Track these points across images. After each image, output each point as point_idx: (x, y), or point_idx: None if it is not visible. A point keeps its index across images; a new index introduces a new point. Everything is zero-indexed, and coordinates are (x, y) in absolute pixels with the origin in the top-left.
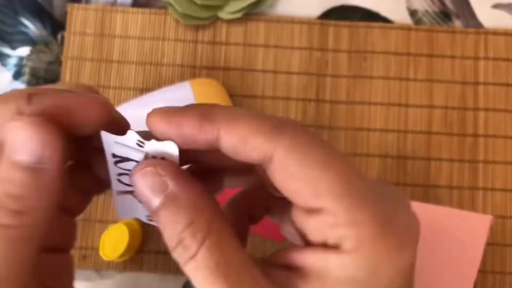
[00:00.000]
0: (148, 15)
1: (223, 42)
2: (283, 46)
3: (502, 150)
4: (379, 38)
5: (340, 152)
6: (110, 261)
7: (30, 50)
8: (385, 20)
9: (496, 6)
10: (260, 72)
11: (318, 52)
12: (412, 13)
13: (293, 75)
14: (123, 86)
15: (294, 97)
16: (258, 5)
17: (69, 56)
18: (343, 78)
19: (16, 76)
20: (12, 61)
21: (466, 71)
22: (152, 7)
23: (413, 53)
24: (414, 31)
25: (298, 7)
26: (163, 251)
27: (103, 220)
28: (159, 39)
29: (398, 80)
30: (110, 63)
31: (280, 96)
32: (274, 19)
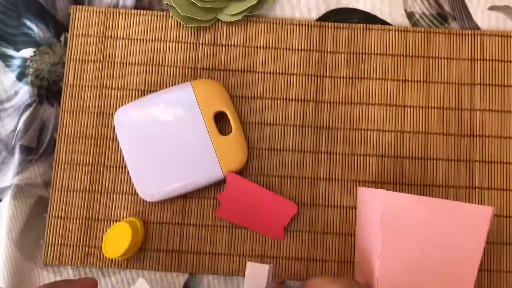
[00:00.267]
0: (150, 17)
1: (224, 44)
2: (282, 47)
3: (498, 150)
4: (377, 40)
5: None
6: (112, 259)
7: (34, 52)
8: (382, 22)
9: (492, 8)
10: (259, 73)
11: (317, 53)
12: (410, 15)
13: (292, 76)
14: (125, 87)
15: (293, 97)
16: (258, 7)
17: (72, 57)
18: (342, 79)
19: (20, 77)
20: (16, 62)
21: (462, 72)
22: (153, 10)
23: (410, 54)
24: (411, 33)
25: (297, 9)
26: (165, 249)
27: (106, 218)
28: (160, 41)
29: (395, 81)
30: (112, 64)
31: (279, 97)
32: (274, 21)
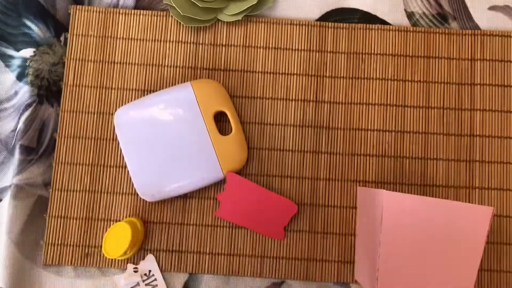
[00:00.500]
0: (150, 17)
1: (224, 44)
2: (282, 47)
3: (498, 150)
4: (377, 40)
5: None
6: (112, 258)
7: (34, 52)
8: (383, 22)
9: (492, 8)
10: (260, 73)
11: (317, 53)
12: (410, 15)
13: (292, 76)
14: (125, 87)
15: (293, 97)
16: (258, 7)
17: (72, 57)
18: (342, 79)
19: (20, 77)
20: (16, 62)
21: (462, 72)
22: (153, 10)
23: (410, 54)
24: (411, 33)
25: (297, 9)
26: (165, 249)
27: (106, 218)
28: (160, 41)
29: (395, 81)
30: (112, 64)
31: (279, 97)
32: (274, 21)
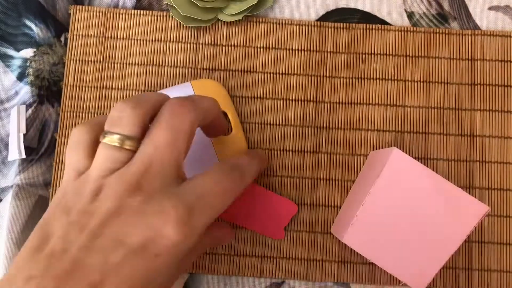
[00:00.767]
0: (150, 18)
1: (224, 44)
2: (282, 48)
3: (498, 150)
4: (377, 40)
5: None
6: None
7: (34, 52)
8: (383, 22)
9: (492, 8)
10: (260, 73)
11: (317, 53)
12: (410, 15)
13: (292, 76)
14: (125, 87)
15: (294, 98)
16: (258, 7)
17: (72, 57)
18: (342, 79)
19: (20, 77)
20: (16, 62)
21: (463, 72)
22: (154, 10)
23: (410, 54)
24: (411, 33)
25: (297, 9)
26: None
27: None
28: (161, 41)
29: (395, 81)
30: (112, 64)
31: (279, 97)
32: (274, 22)
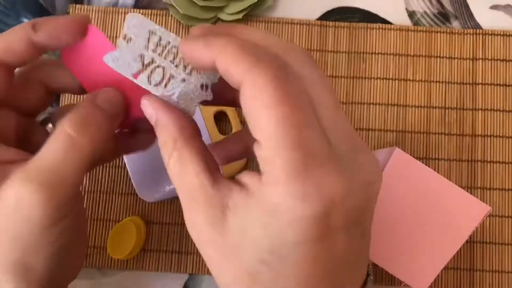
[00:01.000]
0: (149, 17)
1: None
2: None
3: (500, 149)
4: (378, 39)
5: (306, 100)
6: (112, 259)
7: None
8: (384, 21)
9: (493, 7)
10: None
11: (318, 53)
12: (411, 14)
13: None
14: None
15: None
16: (258, 6)
17: None
18: (343, 78)
19: None
20: None
21: (464, 71)
22: (153, 9)
23: (411, 54)
24: (412, 32)
25: (297, 8)
26: (165, 249)
27: (105, 218)
28: None
29: (397, 80)
30: None
31: None
32: (274, 21)
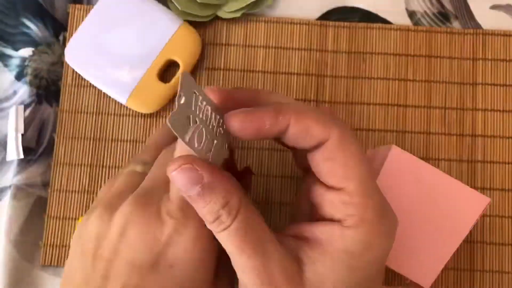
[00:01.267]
0: None
1: (224, 43)
2: (282, 47)
3: (500, 150)
4: (378, 39)
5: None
6: None
7: (33, 51)
8: (384, 21)
9: (494, 7)
10: (260, 73)
11: (318, 53)
12: (411, 14)
13: (292, 75)
14: None
15: (294, 97)
16: (257, 5)
17: None
18: (343, 78)
19: (19, 77)
20: (15, 62)
21: (464, 71)
22: None
23: (412, 54)
24: (413, 32)
25: (297, 8)
26: None
27: None
28: None
29: (397, 80)
30: None
31: None
32: (274, 21)
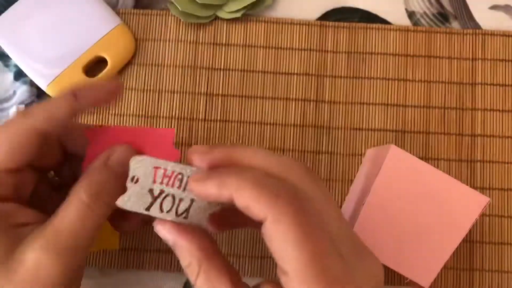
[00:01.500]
0: (149, 17)
1: (224, 43)
2: (282, 47)
3: (499, 150)
4: (377, 40)
5: (322, 223)
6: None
7: None
8: (383, 21)
9: (493, 7)
10: (260, 73)
11: (317, 53)
12: (410, 14)
13: (292, 76)
14: (126, 87)
15: (294, 97)
16: (257, 6)
17: None
18: (342, 79)
19: (18, 76)
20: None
21: (463, 72)
22: (153, 9)
23: (411, 54)
24: (412, 33)
25: (297, 9)
26: (164, 249)
27: None
28: (160, 40)
29: (396, 80)
30: None
31: (279, 97)
32: (274, 21)
